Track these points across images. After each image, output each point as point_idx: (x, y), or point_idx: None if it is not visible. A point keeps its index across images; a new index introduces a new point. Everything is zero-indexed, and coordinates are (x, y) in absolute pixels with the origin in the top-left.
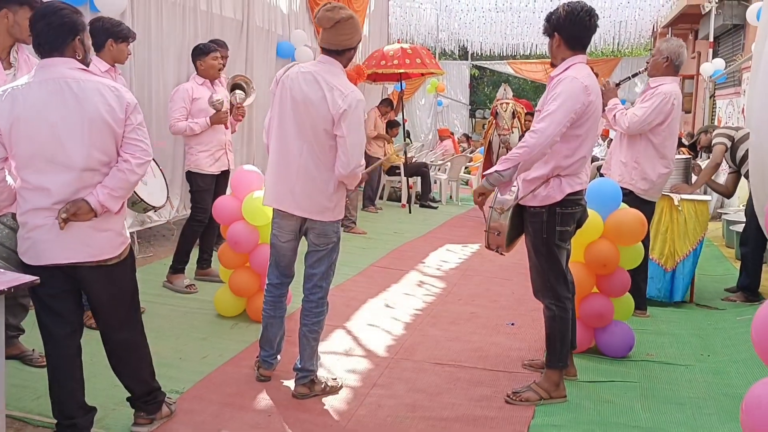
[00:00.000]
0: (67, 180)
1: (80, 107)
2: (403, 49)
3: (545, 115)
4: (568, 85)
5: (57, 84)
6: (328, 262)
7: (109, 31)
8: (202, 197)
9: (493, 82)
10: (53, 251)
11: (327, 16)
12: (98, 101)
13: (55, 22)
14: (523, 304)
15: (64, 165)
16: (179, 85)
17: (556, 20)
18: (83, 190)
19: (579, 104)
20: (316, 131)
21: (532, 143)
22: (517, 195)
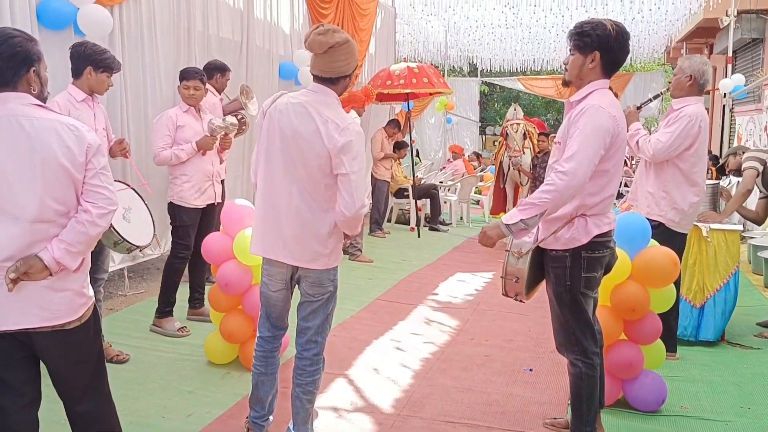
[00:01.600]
0: (16, 233)
1: (32, 149)
2: (409, 68)
3: (573, 153)
4: (594, 116)
5: (6, 122)
6: (324, 315)
7: (89, 58)
8: (185, 232)
9: (503, 98)
10: (2, 316)
11: (319, 41)
12: (54, 142)
13: (5, 53)
14: (542, 344)
15: (12, 216)
16: (162, 113)
17: (604, 38)
18: (36, 245)
19: (608, 137)
20: (309, 169)
21: (561, 187)
22: (537, 237)
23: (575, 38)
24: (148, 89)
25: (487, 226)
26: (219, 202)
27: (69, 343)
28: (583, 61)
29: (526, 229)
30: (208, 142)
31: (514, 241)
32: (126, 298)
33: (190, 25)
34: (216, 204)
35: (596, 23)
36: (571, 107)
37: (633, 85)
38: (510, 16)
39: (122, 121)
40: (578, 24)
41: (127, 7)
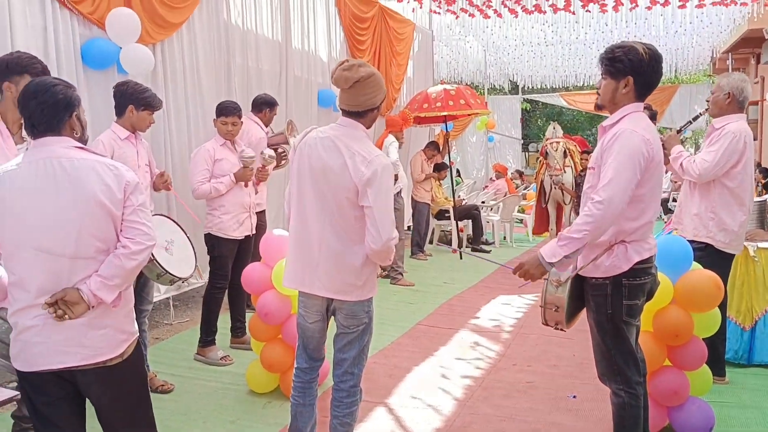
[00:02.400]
0: (56, 270)
1: (73, 189)
2: (446, 90)
3: (608, 180)
4: (627, 140)
5: (49, 164)
6: (360, 346)
7: (131, 97)
8: (223, 263)
9: (545, 114)
10: (45, 356)
11: (345, 76)
12: (93, 180)
13: (48, 101)
14: (586, 369)
15: (53, 253)
16: (200, 147)
17: (637, 62)
18: (76, 282)
19: (643, 161)
20: (339, 202)
21: (599, 216)
22: (576, 264)
23: (607, 64)
24: (191, 123)
25: (526, 262)
26: (254, 233)
27: (111, 380)
28: (615, 86)
29: (569, 263)
30: (246, 174)
31: (553, 270)
32: (171, 326)
33: (229, 59)
34: (252, 235)
35: (628, 48)
36: (605, 132)
37: (678, 97)
38: (549, 34)
39: (166, 156)
40: (609, 49)
41: (170, 44)
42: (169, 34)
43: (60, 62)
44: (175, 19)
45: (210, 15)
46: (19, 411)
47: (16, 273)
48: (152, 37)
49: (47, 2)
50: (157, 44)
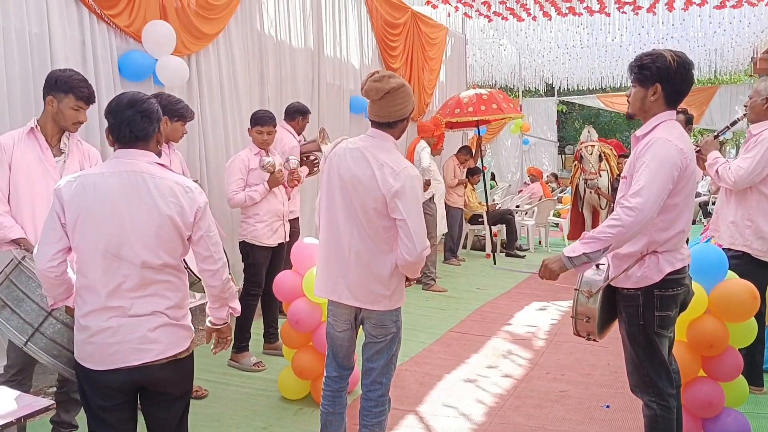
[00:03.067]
0: (129, 275)
1: (154, 205)
2: (478, 95)
3: (639, 188)
4: (661, 149)
5: (135, 178)
6: (388, 356)
7: (165, 108)
8: (257, 271)
9: (582, 116)
10: (122, 354)
11: (375, 87)
12: (172, 201)
13: (146, 110)
14: (620, 379)
15: (129, 261)
16: (234, 156)
17: (664, 69)
18: (141, 289)
19: (676, 170)
20: (367, 212)
21: (628, 223)
22: (608, 275)
23: (635, 71)
24: (227, 133)
25: (547, 259)
26: (288, 240)
27: (182, 372)
28: (644, 94)
29: (589, 263)
30: (276, 180)
31: (584, 280)
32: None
33: (263, 68)
34: (285, 242)
35: (656, 55)
36: (638, 141)
37: (719, 97)
38: (584, 36)
39: (201, 166)
40: (638, 57)
41: (205, 54)
42: (204, 45)
43: (98, 74)
44: (211, 30)
45: (244, 25)
46: (58, 416)
47: (89, 277)
48: (188, 49)
49: (85, 16)
50: (192, 55)
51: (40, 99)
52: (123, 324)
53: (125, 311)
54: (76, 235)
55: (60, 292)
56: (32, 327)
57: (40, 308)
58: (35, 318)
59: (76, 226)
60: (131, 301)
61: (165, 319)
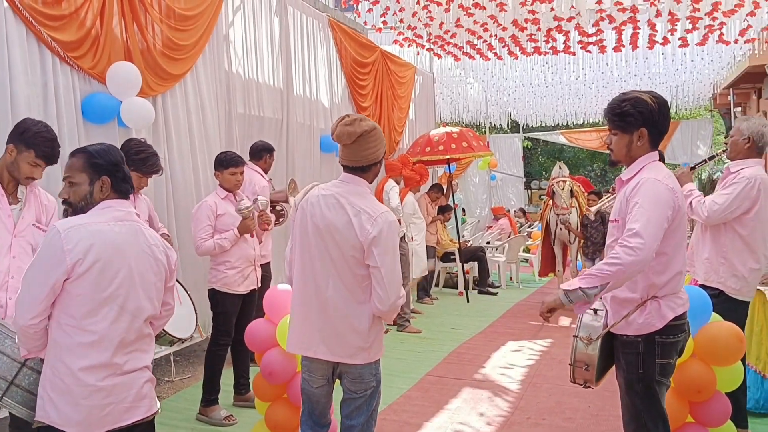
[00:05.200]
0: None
1: (152, 254)
2: (448, 133)
3: (638, 229)
4: (651, 189)
5: (134, 227)
6: (368, 411)
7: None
8: (227, 319)
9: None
10: (114, 415)
11: (347, 131)
12: (162, 250)
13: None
14: (602, 423)
15: (133, 313)
16: (201, 202)
17: (648, 113)
18: (137, 342)
19: (670, 210)
20: (345, 261)
21: (628, 262)
22: (607, 321)
23: (617, 120)
24: (199, 175)
25: (546, 299)
26: (259, 286)
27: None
28: (629, 140)
29: (586, 301)
30: (248, 225)
31: (582, 326)
32: (173, 384)
33: (231, 108)
34: (257, 289)
35: (634, 99)
36: (623, 184)
37: (680, 133)
38: (549, 75)
39: (169, 210)
40: (614, 104)
41: (172, 95)
42: (170, 86)
43: (60, 117)
44: (177, 70)
45: (212, 65)
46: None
47: (95, 330)
48: (153, 90)
49: (47, 58)
50: (158, 96)
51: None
52: (118, 383)
53: (120, 368)
54: (86, 286)
55: (37, 345)
56: (6, 380)
57: (12, 360)
58: (8, 370)
59: (88, 277)
60: (126, 356)
61: (149, 373)
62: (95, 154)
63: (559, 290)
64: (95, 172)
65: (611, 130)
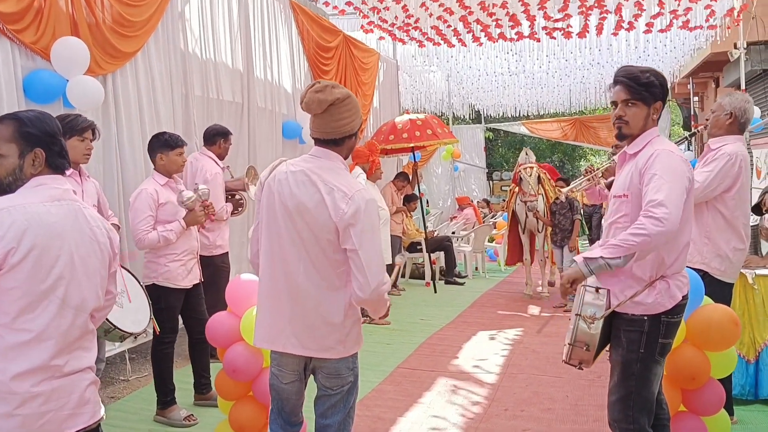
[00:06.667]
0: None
1: (95, 237)
2: (412, 120)
3: (661, 199)
4: (668, 160)
5: (72, 206)
6: (345, 409)
7: None
8: (171, 315)
9: (508, 143)
10: (54, 423)
11: (317, 99)
12: (104, 232)
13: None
14: (582, 412)
15: (76, 307)
16: (139, 190)
17: (665, 88)
18: (79, 340)
19: (687, 182)
20: (318, 244)
21: (655, 232)
22: (609, 301)
23: (642, 90)
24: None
25: (564, 273)
26: (220, 278)
27: None
28: (648, 112)
29: (608, 271)
30: (195, 217)
31: (585, 305)
32: (128, 383)
33: (187, 90)
34: (201, 282)
35: (654, 72)
36: (630, 158)
37: None
38: (513, 63)
39: (119, 195)
40: (637, 73)
41: (123, 74)
42: (121, 65)
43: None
44: (128, 48)
45: (167, 44)
46: None
47: (32, 328)
48: (102, 68)
49: None
50: (107, 75)
51: None
52: (57, 387)
53: (60, 370)
54: (21, 278)
55: None
56: None
57: None
58: None
59: (23, 267)
60: (67, 356)
61: (92, 375)
62: (27, 122)
63: (579, 259)
64: (27, 143)
65: (629, 100)
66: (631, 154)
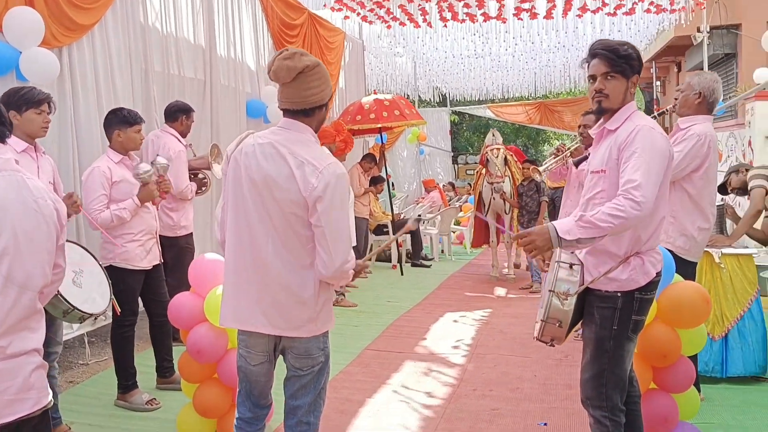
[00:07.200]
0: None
1: (40, 209)
2: (379, 101)
3: (641, 181)
4: (649, 137)
5: (15, 177)
6: (316, 390)
7: (7, 103)
8: (131, 297)
9: (472, 127)
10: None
11: (286, 66)
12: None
13: None
14: (550, 391)
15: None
16: (92, 168)
17: (637, 60)
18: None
19: (666, 160)
20: (288, 219)
21: (632, 216)
22: (583, 277)
23: (621, 63)
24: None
25: (534, 230)
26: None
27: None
28: (627, 85)
29: (575, 248)
30: (149, 192)
31: (558, 281)
32: (88, 367)
33: (147, 65)
34: (161, 263)
35: (631, 45)
36: (609, 134)
37: None
38: (479, 46)
39: (75, 173)
40: (616, 46)
41: (79, 48)
42: (77, 38)
43: None
44: (85, 20)
45: (125, 17)
46: None
47: None
48: (58, 41)
49: None
50: (63, 48)
51: None
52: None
53: (3, 351)
54: None
55: None
56: None
57: None
58: None
59: None
60: (11, 337)
61: (38, 358)
62: None
63: (553, 231)
64: None
65: (608, 73)
66: (610, 129)
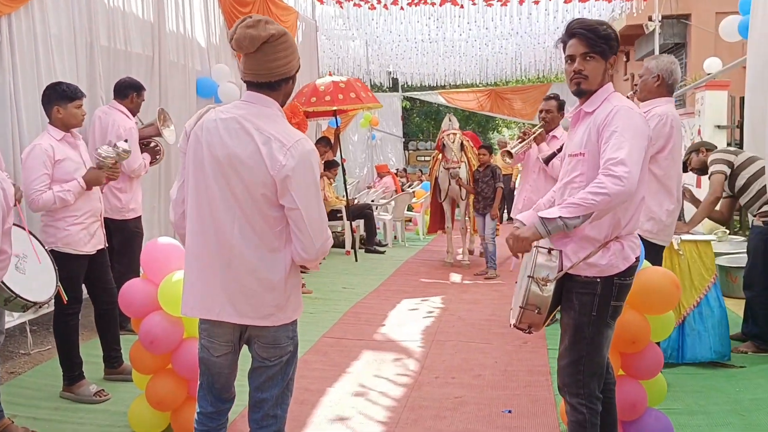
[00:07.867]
0: None
1: None
2: (335, 83)
3: (622, 157)
4: (628, 117)
5: None
6: (283, 382)
7: None
8: (74, 284)
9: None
10: None
11: (249, 35)
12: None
13: None
14: (512, 377)
15: None
16: (32, 146)
17: (615, 40)
18: None
19: (646, 140)
20: (254, 199)
21: (615, 191)
22: (562, 262)
23: (601, 42)
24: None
25: (517, 230)
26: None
27: None
28: (605, 66)
29: (564, 231)
30: (98, 176)
31: (537, 267)
32: (30, 357)
33: (92, 39)
34: (105, 248)
35: (609, 25)
36: (586, 116)
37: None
38: (433, 30)
39: (15, 151)
40: (595, 25)
41: (17, 18)
42: (15, 8)
43: None
44: None
45: None
46: None
47: None
48: None
49: None
50: (2, 18)
51: None
52: None
53: None
54: None
55: None
56: None
57: None
58: None
59: None
60: None
61: None
62: None
63: (537, 219)
64: None
65: (588, 54)
66: (587, 111)
